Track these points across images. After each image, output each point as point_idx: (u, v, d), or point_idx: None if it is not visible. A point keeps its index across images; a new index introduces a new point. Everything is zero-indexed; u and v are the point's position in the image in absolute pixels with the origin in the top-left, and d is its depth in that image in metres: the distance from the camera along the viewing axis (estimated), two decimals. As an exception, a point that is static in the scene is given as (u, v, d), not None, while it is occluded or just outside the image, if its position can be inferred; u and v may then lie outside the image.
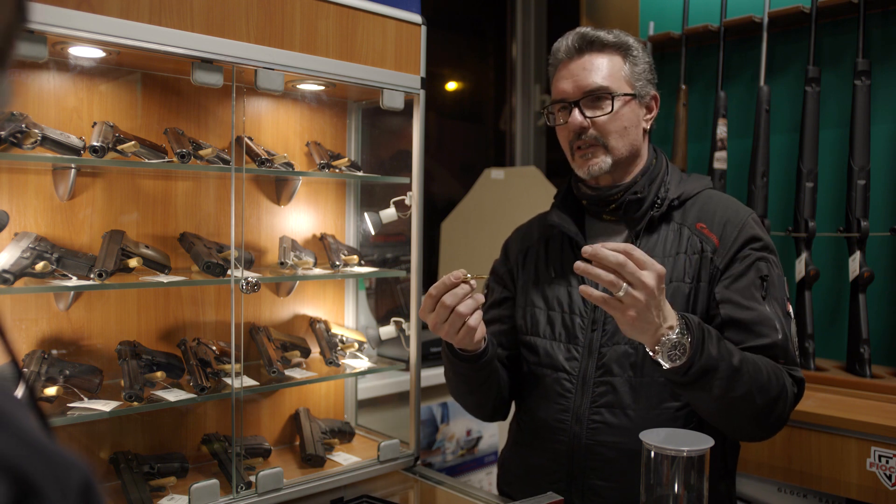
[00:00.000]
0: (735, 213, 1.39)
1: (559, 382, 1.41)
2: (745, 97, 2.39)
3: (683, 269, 1.36)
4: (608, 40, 1.39)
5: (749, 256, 1.34)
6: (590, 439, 1.37)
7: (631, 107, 1.40)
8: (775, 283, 1.35)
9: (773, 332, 1.30)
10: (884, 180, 2.11)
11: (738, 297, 1.32)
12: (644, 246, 1.39)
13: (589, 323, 1.40)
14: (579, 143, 1.40)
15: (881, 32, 2.13)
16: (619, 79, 1.39)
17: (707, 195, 1.44)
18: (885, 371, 2.05)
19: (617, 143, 1.39)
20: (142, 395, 1.43)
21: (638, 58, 1.42)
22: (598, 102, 1.38)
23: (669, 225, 1.40)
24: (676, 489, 1.11)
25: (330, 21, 1.62)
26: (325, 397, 1.97)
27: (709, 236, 1.37)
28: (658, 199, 1.41)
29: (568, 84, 1.40)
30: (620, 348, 1.36)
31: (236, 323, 1.57)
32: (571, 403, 1.39)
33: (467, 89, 3.57)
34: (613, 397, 1.36)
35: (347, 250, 1.88)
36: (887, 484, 1.72)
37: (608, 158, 1.39)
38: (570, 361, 1.41)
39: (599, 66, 1.39)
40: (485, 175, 3.11)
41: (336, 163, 1.79)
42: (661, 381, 1.33)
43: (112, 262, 1.42)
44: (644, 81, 1.43)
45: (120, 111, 1.59)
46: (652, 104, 1.46)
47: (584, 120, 1.38)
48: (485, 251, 3.04)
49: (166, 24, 1.37)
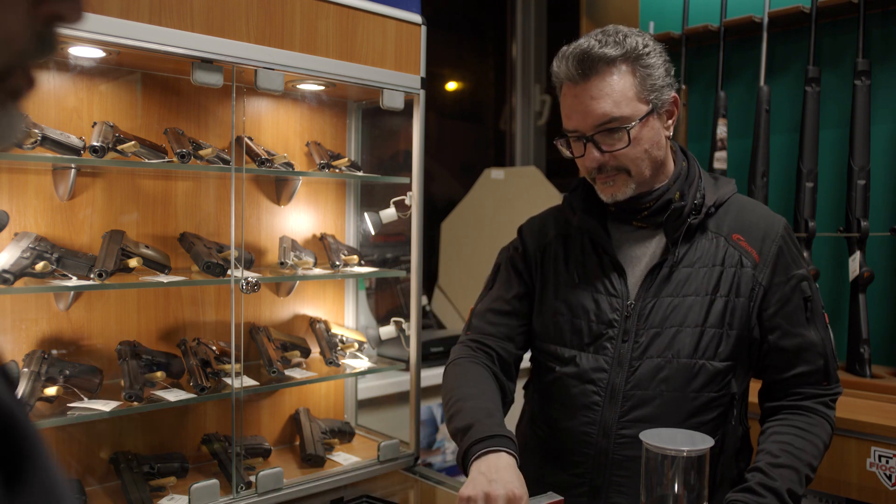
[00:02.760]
0: (770, 224, 1.35)
1: (586, 394, 1.34)
2: (745, 97, 2.39)
3: (720, 282, 1.31)
4: (612, 56, 1.24)
5: (792, 279, 1.32)
6: (617, 454, 1.31)
7: (649, 125, 1.27)
8: (815, 300, 1.35)
9: (816, 359, 1.33)
10: (884, 180, 2.11)
11: (785, 324, 1.32)
12: (682, 255, 1.33)
13: (620, 334, 1.33)
14: (599, 175, 1.31)
15: (881, 32, 2.13)
16: (631, 100, 1.25)
17: (738, 202, 1.39)
18: (885, 371, 2.05)
19: (639, 167, 1.29)
20: (142, 395, 1.43)
21: (651, 64, 1.26)
22: (613, 134, 1.26)
23: (705, 234, 1.34)
24: (676, 489, 1.11)
25: (330, 21, 1.62)
26: (325, 397, 1.97)
27: (748, 250, 1.32)
28: (695, 206, 1.34)
29: (577, 118, 1.28)
30: (653, 361, 1.30)
31: (236, 323, 1.57)
32: (599, 416, 1.33)
33: (467, 89, 3.57)
34: (643, 411, 1.30)
35: (347, 250, 1.88)
36: (887, 484, 1.72)
37: (632, 183, 1.31)
38: (598, 373, 1.33)
39: (608, 90, 1.24)
40: (485, 175, 3.11)
41: (336, 163, 1.79)
42: (691, 395, 1.30)
43: (112, 262, 1.42)
44: (660, 88, 1.28)
45: (120, 111, 1.59)
46: (672, 108, 1.32)
47: (602, 156, 1.28)
48: (485, 251, 3.04)
49: (166, 24, 1.37)
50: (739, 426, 1.38)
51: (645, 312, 1.31)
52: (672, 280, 1.32)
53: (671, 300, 1.31)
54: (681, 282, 1.31)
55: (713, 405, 1.31)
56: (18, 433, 0.39)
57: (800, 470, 1.25)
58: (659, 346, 1.30)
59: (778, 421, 1.33)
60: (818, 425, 1.32)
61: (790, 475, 1.23)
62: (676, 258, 1.32)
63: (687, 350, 1.29)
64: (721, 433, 1.32)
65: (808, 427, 1.30)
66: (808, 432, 1.30)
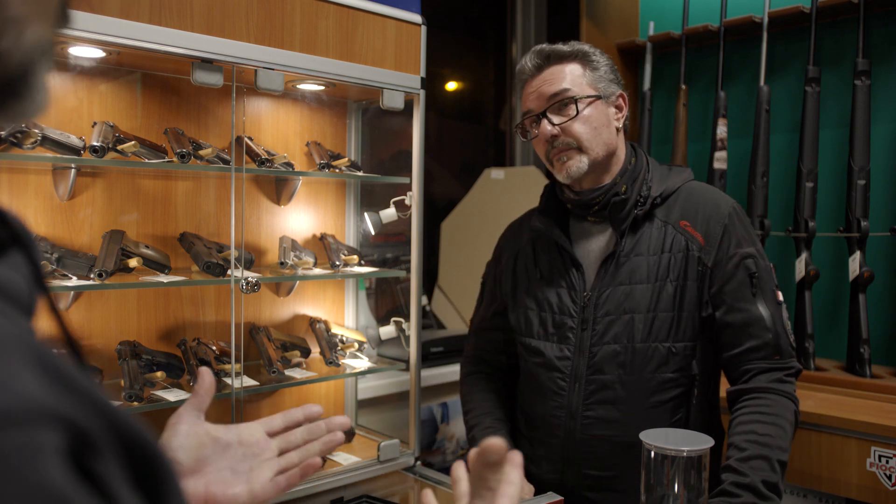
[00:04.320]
0: (716, 207, 1.43)
1: (553, 381, 1.47)
2: (745, 97, 2.39)
3: (669, 268, 1.40)
4: (565, 51, 1.45)
5: (735, 256, 1.39)
6: (583, 433, 1.43)
7: (597, 107, 1.44)
8: (763, 277, 1.40)
9: (764, 332, 1.38)
10: (884, 180, 2.11)
11: (730, 299, 1.39)
12: (629, 245, 1.43)
13: (579, 323, 1.45)
14: (554, 152, 1.45)
15: (881, 32, 2.13)
16: (580, 83, 1.43)
17: (688, 189, 1.47)
18: (885, 371, 2.05)
19: (590, 143, 1.42)
20: (142, 395, 1.43)
21: (597, 62, 1.46)
22: (563, 109, 1.43)
23: (653, 223, 1.44)
24: (676, 489, 1.11)
25: (330, 21, 1.62)
26: (325, 397, 1.97)
27: (693, 235, 1.41)
28: (641, 198, 1.44)
29: (533, 97, 1.46)
30: (610, 347, 1.41)
31: (236, 323, 1.57)
32: (565, 400, 1.45)
33: (467, 89, 3.57)
34: (605, 394, 1.42)
35: (347, 250, 1.88)
36: (887, 484, 1.72)
37: (584, 158, 1.43)
38: (563, 360, 1.46)
39: (560, 75, 1.44)
40: (485, 175, 3.11)
41: (336, 163, 1.79)
42: (648, 377, 1.39)
43: (112, 262, 1.42)
44: (606, 83, 1.46)
45: (120, 111, 1.59)
46: (620, 103, 1.48)
47: (554, 128, 1.43)
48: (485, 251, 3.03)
49: (166, 24, 1.37)
50: (707, 407, 1.45)
51: (600, 302, 1.42)
52: (623, 269, 1.42)
53: (623, 288, 1.41)
54: (632, 270, 1.42)
55: (671, 385, 1.40)
56: (161, 470, 0.39)
57: (770, 457, 1.27)
58: (614, 332, 1.41)
59: (740, 410, 1.37)
60: (778, 404, 1.34)
61: (761, 465, 1.26)
62: (624, 248, 1.43)
63: (641, 334, 1.39)
64: (683, 413, 1.41)
65: (768, 410, 1.33)
66: (770, 415, 1.32)
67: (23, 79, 0.43)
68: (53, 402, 0.33)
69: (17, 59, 0.41)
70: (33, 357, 0.34)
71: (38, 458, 0.31)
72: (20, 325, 0.36)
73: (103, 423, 0.36)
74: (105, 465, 0.35)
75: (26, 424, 0.31)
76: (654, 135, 2.63)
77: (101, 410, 0.36)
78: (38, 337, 0.37)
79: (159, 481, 0.39)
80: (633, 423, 1.37)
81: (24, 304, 0.39)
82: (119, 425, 0.37)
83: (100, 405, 0.36)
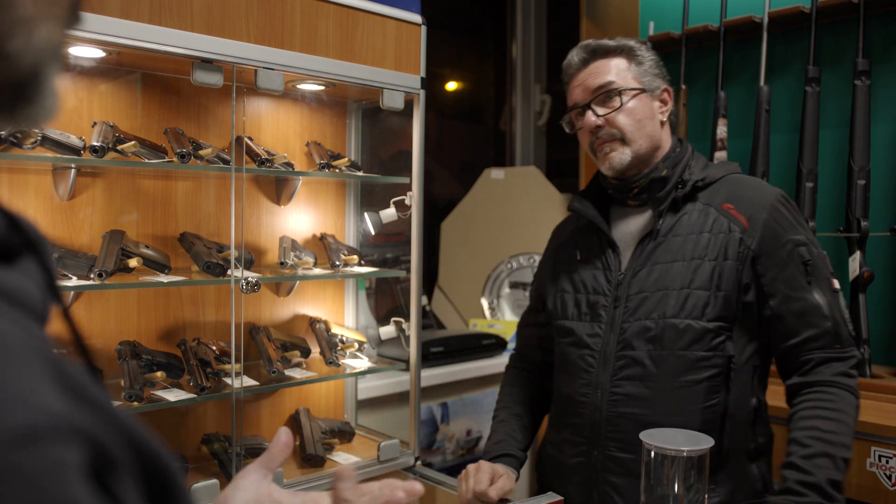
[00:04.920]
0: (762, 193, 1.41)
1: (583, 358, 1.45)
2: (745, 97, 2.39)
3: (707, 247, 1.38)
4: (611, 46, 1.47)
5: (787, 244, 1.36)
6: (610, 411, 1.40)
7: (641, 100, 1.45)
8: (818, 265, 1.37)
9: (822, 321, 1.34)
10: (884, 180, 2.11)
11: (784, 288, 1.35)
12: (667, 225, 1.42)
13: (612, 301, 1.44)
14: (598, 142, 1.46)
15: (881, 32, 2.13)
16: (625, 76, 1.45)
17: (734, 178, 1.47)
18: (885, 371, 2.05)
19: (633, 135, 1.44)
20: (142, 395, 1.43)
21: (642, 56, 1.48)
22: (608, 101, 1.45)
23: (695, 205, 1.43)
24: (676, 489, 1.11)
25: (330, 21, 1.62)
26: (325, 397, 1.97)
27: (736, 216, 1.39)
28: (681, 180, 1.44)
29: (579, 91, 1.48)
30: (641, 323, 1.39)
31: (236, 323, 1.57)
32: (593, 377, 1.43)
33: (467, 89, 3.57)
34: (634, 370, 1.39)
35: (347, 250, 1.88)
36: (887, 484, 1.72)
37: (627, 150, 1.44)
38: (593, 338, 1.44)
39: (606, 68, 1.46)
40: (485, 175, 3.11)
41: (336, 163, 1.79)
42: (680, 353, 1.36)
43: (112, 262, 1.42)
44: (651, 77, 1.47)
45: (120, 111, 1.59)
46: (665, 97, 1.49)
47: (598, 119, 1.44)
48: (485, 251, 3.04)
49: (166, 24, 1.37)
50: (751, 396, 1.39)
51: (635, 280, 1.41)
52: (661, 249, 1.42)
53: (659, 266, 1.40)
54: (669, 250, 1.41)
55: (704, 364, 1.36)
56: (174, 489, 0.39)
57: (834, 455, 1.24)
58: (647, 309, 1.39)
59: (801, 404, 1.33)
60: (841, 399, 1.30)
61: (826, 464, 1.23)
62: (661, 228, 1.42)
63: (673, 310, 1.37)
64: (721, 398, 1.36)
65: (831, 405, 1.29)
66: (834, 410, 1.29)
67: (33, 82, 0.41)
68: (75, 417, 0.33)
69: (26, 61, 0.40)
70: (52, 369, 0.34)
71: (62, 475, 0.31)
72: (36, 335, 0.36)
73: (122, 439, 0.36)
74: (122, 482, 0.35)
75: (50, 441, 0.31)
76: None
77: (119, 426, 0.36)
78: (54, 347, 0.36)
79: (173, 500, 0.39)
80: (663, 401, 1.35)
81: (38, 312, 0.39)
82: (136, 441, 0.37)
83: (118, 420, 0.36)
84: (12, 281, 0.37)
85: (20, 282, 0.38)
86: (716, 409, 1.36)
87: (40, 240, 0.41)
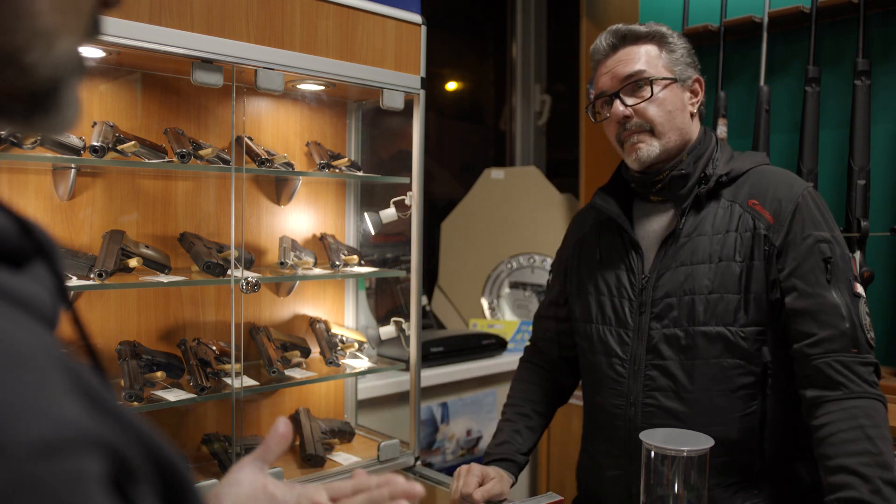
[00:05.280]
0: (789, 187, 1.33)
1: (612, 367, 1.40)
2: (745, 97, 2.39)
3: (734, 248, 1.31)
4: (641, 32, 1.41)
5: (808, 238, 1.28)
6: (645, 423, 1.34)
7: (672, 90, 1.38)
8: (839, 265, 1.28)
9: (839, 321, 1.24)
10: (884, 180, 2.11)
11: (802, 284, 1.27)
12: (690, 224, 1.36)
13: (637, 306, 1.38)
14: (626, 134, 1.38)
15: (881, 32, 2.13)
16: (656, 65, 1.39)
17: (760, 171, 1.39)
18: (886, 371, 2.04)
19: (663, 127, 1.37)
20: (142, 395, 1.43)
21: (674, 44, 1.42)
22: (638, 91, 1.38)
23: (719, 202, 1.36)
24: (676, 489, 1.11)
25: (330, 21, 1.62)
26: (325, 397, 1.97)
27: (761, 213, 1.32)
28: (704, 175, 1.37)
29: (606, 78, 1.40)
30: (670, 331, 1.33)
31: (236, 323, 1.57)
32: (625, 388, 1.38)
33: (467, 89, 3.57)
34: (666, 381, 1.34)
35: (347, 250, 1.88)
36: (887, 484, 1.71)
37: (655, 142, 1.37)
38: (622, 346, 1.39)
39: (636, 55, 1.39)
40: (485, 175, 3.11)
41: (336, 163, 1.79)
42: (713, 363, 1.30)
43: (112, 262, 1.42)
44: (683, 66, 1.41)
45: (120, 111, 1.59)
46: (696, 87, 1.44)
47: (626, 109, 1.37)
48: (485, 251, 3.04)
49: (166, 24, 1.37)
50: (789, 401, 1.31)
51: (659, 284, 1.35)
52: (684, 250, 1.35)
53: (684, 269, 1.33)
54: (693, 250, 1.34)
55: (739, 373, 1.29)
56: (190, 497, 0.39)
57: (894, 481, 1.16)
58: (674, 315, 1.33)
59: (836, 423, 1.21)
60: (875, 410, 1.21)
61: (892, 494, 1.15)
62: (685, 228, 1.35)
63: (702, 317, 1.30)
64: (758, 406, 1.30)
65: (871, 421, 1.19)
66: (874, 427, 1.19)
67: (51, 93, 0.41)
68: (95, 428, 0.33)
69: (44, 73, 0.40)
70: (70, 379, 0.34)
71: (84, 487, 0.31)
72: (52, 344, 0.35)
73: (139, 448, 0.36)
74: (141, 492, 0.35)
75: (71, 452, 0.31)
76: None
77: (136, 434, 0.36)
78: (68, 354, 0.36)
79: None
80: (699, 413, 1.29)
81: (48, 318, 0.39)
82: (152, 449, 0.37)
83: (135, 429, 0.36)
84: (26, 288, 0.37)
85: (32, 288, 0.38)
86: (754, 416, 1.30)
87: (51, 245, 0.41)
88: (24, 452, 0.29)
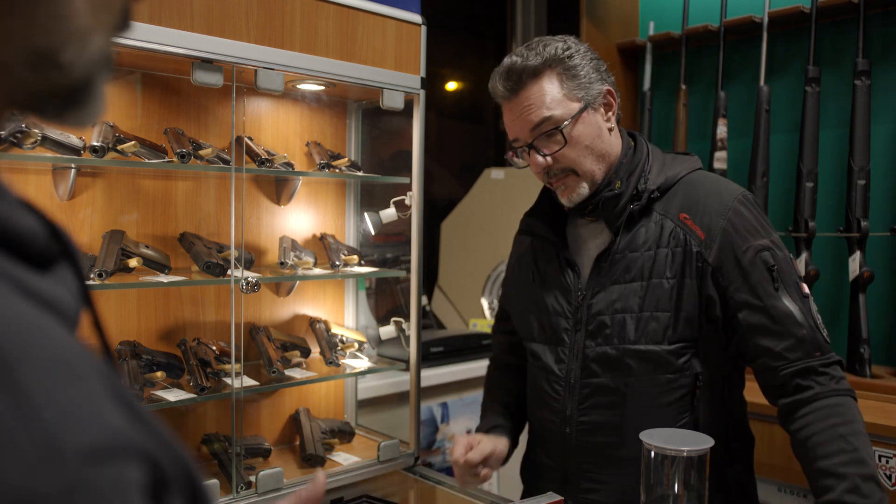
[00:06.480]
0: (719, 198, 1.31)
1: (550, 385, 1.41)
2: (745, 97, 2.39)
3: (665, 264, 1.30)
4: (536, 65, 1.31)
5: (749, 251, 1.27)
6: (579, 440, 1.37)
7: (584, 121, 1.33)
8: (784, 269, 1.27)
9: (796, 329, 1.24)
10: (884, 180, 2.11)
11: (751, 298, 1.26)
12: (624, 241, 1.34)
13: (573, 325, 1.38)
14: (553, 181, 1.38)
15: (881, 32, 2.13)
16: (560, 101, 1.31)
17: (690, 181, 1.36)
18: (885, 371, 2.05)
19: (584, 164, 1.34)
20: (142, 395, 1.43)
21: (575, 64, 1.32)
22: (551, 138, 1.32)
23: (651, 217, 1.34)
24: (676, 489, 1.11)
25: (330, 21, 1.62)
26: (325, 397, 1.97)
27: (693, 229, 1.30)
28: (637, 192, 1.34)
29: (516, 128, 1.35)
30: (603, 349, 1.34)
31: (236, 323, 1.57)
32: (560, 405, 1.39)
33: (467, 89, 3.57)
34: (599, 399, 1.35)
35: (347, 250, 1.88)
36: (887, 484, 1.72)
37: (584, 183, 1.35)
38: (559, 363, 1.40)
39: (536, 99, 1.31)
40: (485, 175, 3.11)
41: (336, 163, 1.79)
42: (646, 379, 1.31)
43: (112, 262, 1.42)
44: (588, 84, 1.33)
45: (120, 111, 1.59)
46: (609, 100, 1.36)
47: (545, 160, 1.33)
48: (485, 251, 3.04)
49: (166, 24, 1.37)
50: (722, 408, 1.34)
51: (593, 302, 1.35)
52: (617, 267, 1.34)
53: (617, 287, 1.34)
54: (626, 268, 1.33)
55: (670, 387, 1.31)
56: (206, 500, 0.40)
57: (873, 475, 1.18)
58: (607, 334, 1.33)
59: (811, 427, 1.23)
60: (846, 407, 1.23)
61: (871, 489, 1.17)
62: (619, 246, 1.34)
63: (633, 335, 1.31)
64: (690, 415, 1.32)
65: (842, 419, 1.21)
66: (847, 423, 1.21)
67: (84, 89, 0.42)
68: (136, 436, 0.34)
69: (79, 70, 0.41)
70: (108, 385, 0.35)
71: (127, 494, 0.32)
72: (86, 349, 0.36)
73: (171, 458, 0.36)
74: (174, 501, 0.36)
75: (119, 461, 0.32)
76: (655, 135, 2.63)
77: (168, 445, 0.37)
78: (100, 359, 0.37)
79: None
80: (631, 427, 1.29)
81: (72, 320, 0.40)
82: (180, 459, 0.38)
83: (165, 439, 0.37)
84: (54, 290, 0.38)
85: (58, 291, 0.38)
86: (687, 426, 1.32)
87: (74, 248, 0.42)
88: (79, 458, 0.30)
